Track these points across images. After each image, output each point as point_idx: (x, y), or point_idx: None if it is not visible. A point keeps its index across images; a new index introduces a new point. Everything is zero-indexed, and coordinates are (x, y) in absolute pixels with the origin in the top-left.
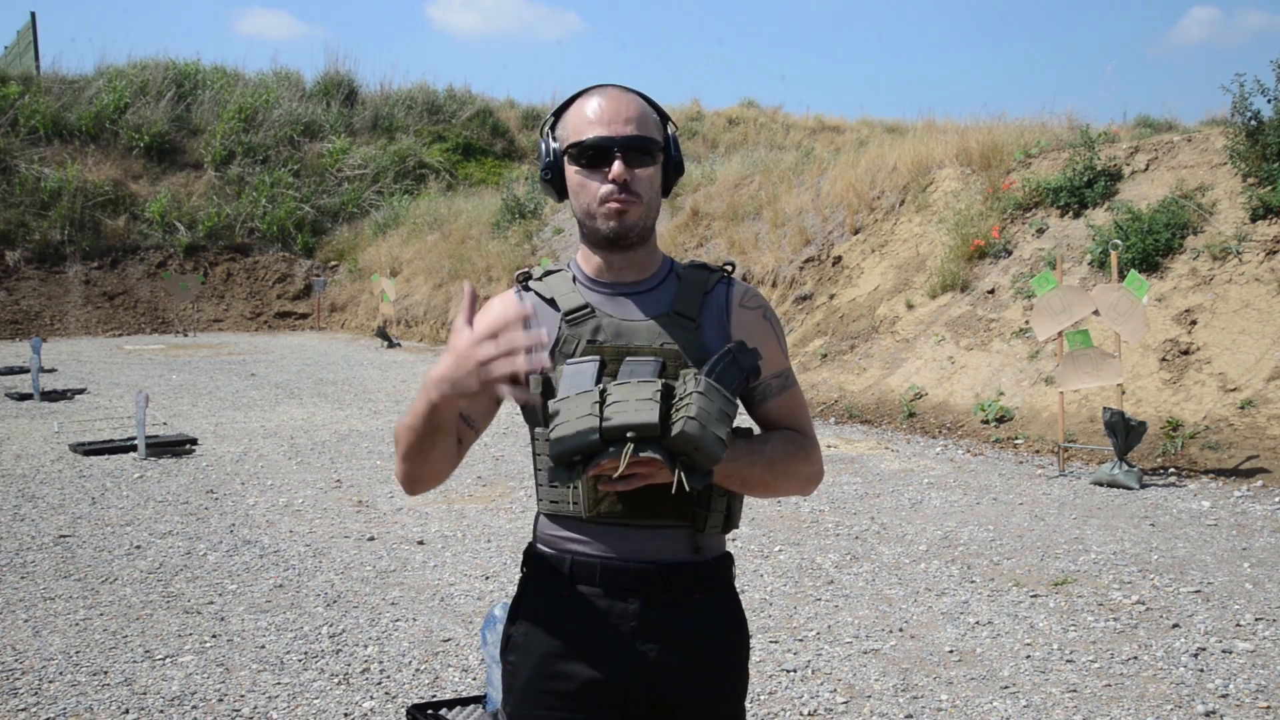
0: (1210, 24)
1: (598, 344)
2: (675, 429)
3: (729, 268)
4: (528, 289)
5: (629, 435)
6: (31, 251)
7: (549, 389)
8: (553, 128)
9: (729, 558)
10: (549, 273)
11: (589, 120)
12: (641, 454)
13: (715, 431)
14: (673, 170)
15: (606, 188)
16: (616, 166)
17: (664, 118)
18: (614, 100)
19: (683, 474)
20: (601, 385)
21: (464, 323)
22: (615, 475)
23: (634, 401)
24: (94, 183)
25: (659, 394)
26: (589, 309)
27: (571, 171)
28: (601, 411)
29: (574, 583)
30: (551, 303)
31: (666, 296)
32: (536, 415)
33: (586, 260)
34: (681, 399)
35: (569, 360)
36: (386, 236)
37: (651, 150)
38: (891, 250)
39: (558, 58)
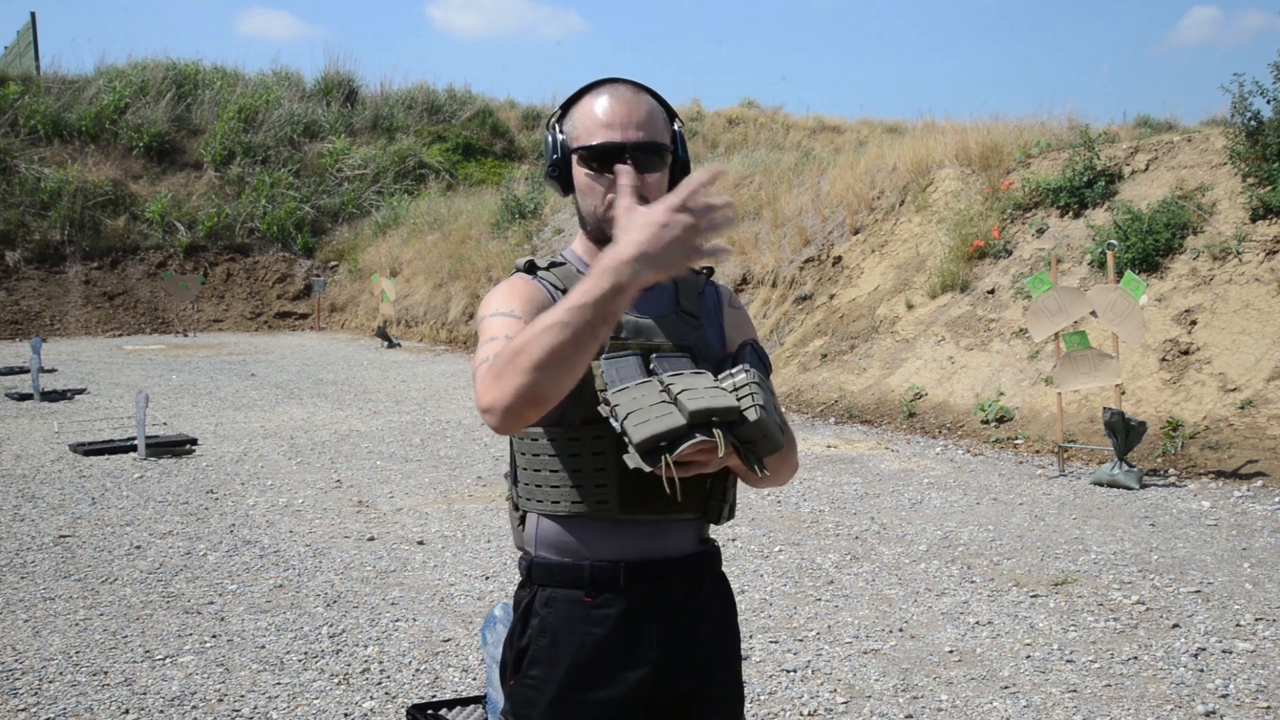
0: (1210, 24)
1: (621, 340)
2: (751, 416)
3: (708, 271)
4: (536, 276)
5: (713, 420)
6: (31, 251)
7: (584, 387)
8: (559, 121)
9: (717, 542)
10: (553, 264)
11: (599, 122)
12: (728, 439)
13: (776, 420)
14: (679, 170)
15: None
16: (625, 175)
17: (672, 116)
18: (625, 102)
19: (756, 461)
20: (656, 376)
21: (634, 202)
22: (720, 456)
23: (703, 389)
24: (94, 183)
25: (719, 382)
26: None
27: (580, 173)
28: (674, 398)
29: (596, 589)
30: (564, 294)
31: (666, 295)
32: (561, 410)
33: (591, 256)
34: (742, 388)
35: (605, 355)
36: (386, 236)
37: (661, 154)
38: (891, 250)
39: (558, 58)
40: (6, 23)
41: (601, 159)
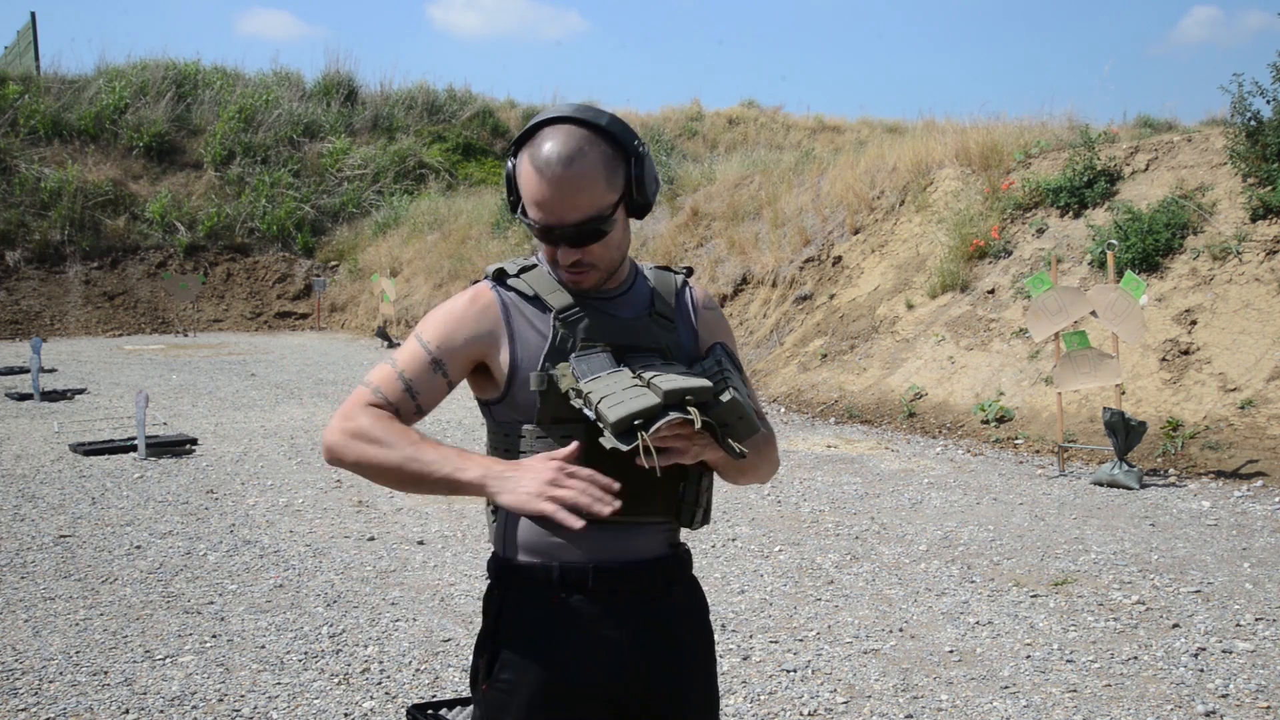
0: (1210, 24)
1: (590, 340)
2: (725, 396)
3: (687, 271)
4: (505, 286)
5: (687, 398)
6: (31, 251)
7: (553, 386)
8: (515, 154)
9: (688, 546)
10: (524, 269)
11: (533, 199)
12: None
13: (752, 405)
14: (635, 210)
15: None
16: (563, 255)
17: (627, 143)
18: (556, 184)
19: (731, 442)
20: (626, 367)
21: (562, 458)
22: (698, 427)
23: (675, 375)
24: (94, 183)
25: (690, 371)
26: (577, 307)
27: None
28: (647, 383)
29: (564, 590)
30: (536, 300)
31: (641, 298)
32: (532, 409)
33: None
34: (716, 374)
35: (577, 353)
36: (386, 236)
37: (601, 225)
38: (891, 250)
39: (559, 58)
40: (6, 23)
41: (539, 233)
